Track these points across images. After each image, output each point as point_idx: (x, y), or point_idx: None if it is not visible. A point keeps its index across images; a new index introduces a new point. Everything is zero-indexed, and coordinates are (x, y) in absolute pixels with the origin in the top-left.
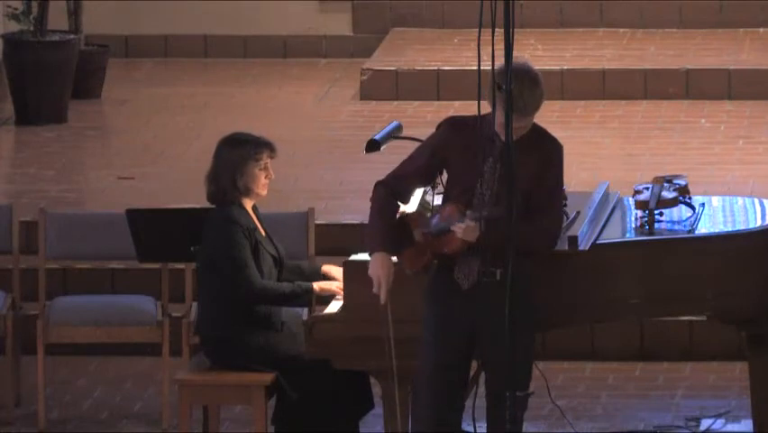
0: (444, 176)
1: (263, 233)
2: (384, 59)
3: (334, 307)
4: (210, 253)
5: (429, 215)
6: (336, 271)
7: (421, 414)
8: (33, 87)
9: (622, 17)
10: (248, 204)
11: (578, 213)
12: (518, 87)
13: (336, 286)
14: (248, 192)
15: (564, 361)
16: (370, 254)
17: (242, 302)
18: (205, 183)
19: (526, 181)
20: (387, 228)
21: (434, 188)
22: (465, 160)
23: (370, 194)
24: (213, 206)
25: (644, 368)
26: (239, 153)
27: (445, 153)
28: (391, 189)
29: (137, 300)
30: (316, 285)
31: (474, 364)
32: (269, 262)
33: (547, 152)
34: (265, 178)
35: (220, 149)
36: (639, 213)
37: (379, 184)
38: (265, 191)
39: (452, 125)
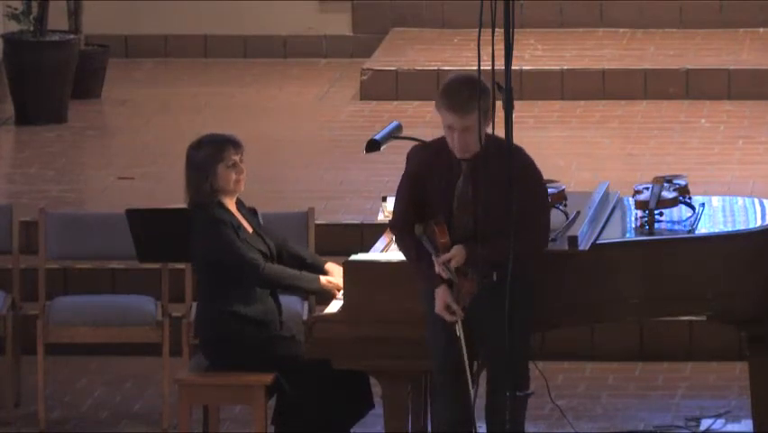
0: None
1: (249, 230)
2: (384, 59)
3: (334, 307)
4: (205, 255)
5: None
6: (338, 271)
7: (439, 416)
8: (33, 87)
9: (622, 17)
10: (229, 202)
11: (578, 213)
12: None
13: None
14: (223, 192)
15: (564, 361)
16: (432, 290)
17: (258, 286)
18: (185, 191)
19: (491, 200)
20: (430, 265)
21: None
22: (435, 184)
23: (392, 236)
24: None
25: (644, 368)
26: (204, 156)
27: (421, 181)
28: (408, 229)
29: (137, 300)
30: (323, 279)
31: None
32: (258, 259)
33: (515, 167)
34: (236, 174)
35: (188, 154)
36: (639, 213)
37: (395, 229)
38: (241, 187)
39: (418, 152)
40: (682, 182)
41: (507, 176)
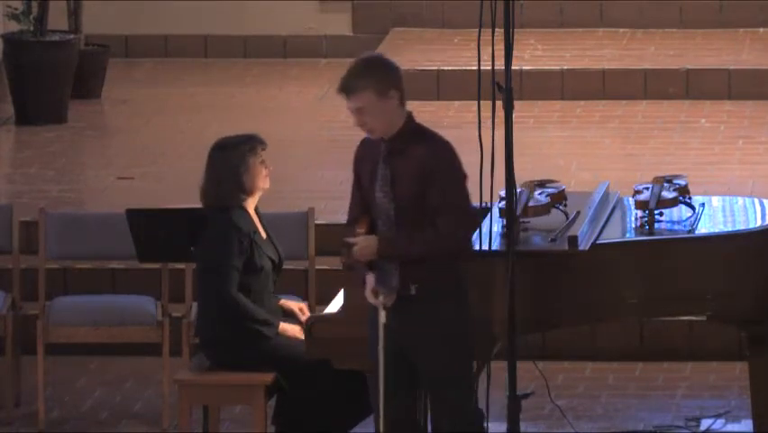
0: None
1: (264, 235)
2: None
3: (334, 307)
4: (201, 254)
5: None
6: (294, 305)
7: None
8: (33, 87)
9: (622, 17)
10: (251, 205)
11: (578, 213)
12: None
13: (298, 330)
14: (254, 189)
15: (564, 361)
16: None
17: (219, 305)
18: (201, 193)
19: (408, 185)
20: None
21: None
22: (366, 169)
23: None
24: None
25: (644, 368)
26: (237, 153)
27: (358, 173)
28: (353, 224)
29: (137, 300)
30: (281, 326)
31: (474, 364)
32: (267, 266)
33: (425, 153)
34: (265, 169)
35: (215, 155)
36: (639, 213)
37: (346, 226)
38: (268, 184)
39: (359, 144)
40: (682, 182)
41: (508, 177)
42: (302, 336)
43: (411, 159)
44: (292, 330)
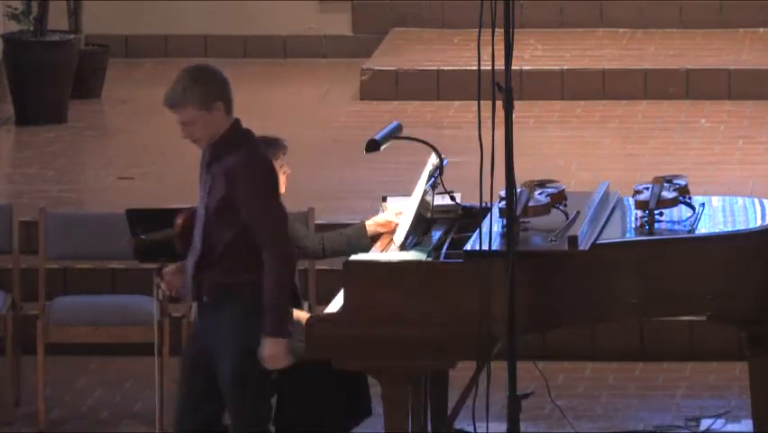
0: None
1: None
2: (384, 59)
3: (334, 307)
4: None
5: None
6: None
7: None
8: (33, 87)
9: (622, 17)
10: None
11: (578, 213)
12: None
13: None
14: None
15: (564, 361)
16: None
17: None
18: None
19: (217, 192)
20: None
21: (434, 187)
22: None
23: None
24: None
25: (644, 368)
26: None
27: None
28: None
29: (137, 300)
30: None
31: (473, 364)
32: None
33: (235, 162)
34: (284, 175)
35: None
36: (639, 213)
37: None
38: (284, 189)
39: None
40: (682, 182)
41: (508, 177)
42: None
43: (223, 165)
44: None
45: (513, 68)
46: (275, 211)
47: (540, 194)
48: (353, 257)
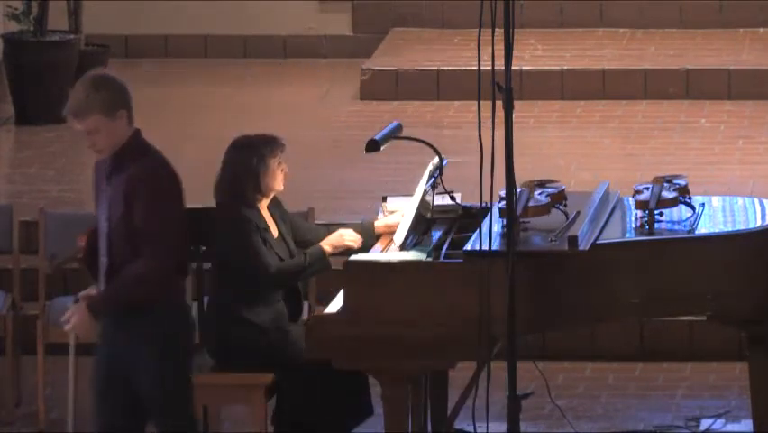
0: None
1: (275, 234)
2: (384, 59)
3: (334, 307)
4: (221, 252)
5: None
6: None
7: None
8: (33, 87)
9: (622, 17)
10: (263, 205)
11: (578, 213)
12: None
13: (349, 239)
14: (269, 190)
15: (564, 361)
16: None
17: (265, 290)
18: (215, 188)
19: (118, 204)
20: None
21: (434, 187)
22: (95, 197)
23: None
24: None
25: (644, 368)
26: (257, 154)
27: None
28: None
29: None
30: (326, 245)
31: (473, 364)
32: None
33: (134, 171)
34: (281, 172)
35: (234, 154)
36: (639, 213)
37: None
38: (282, 186)
39: (93, 168)
40: (682, 182)
41: (508, 178)
42: (349, 243)
43: (123, 175)
44: (338, 240)
45: (513, 68)
46: (167, 225)
47: (540, 194)
48: (353, 257)
